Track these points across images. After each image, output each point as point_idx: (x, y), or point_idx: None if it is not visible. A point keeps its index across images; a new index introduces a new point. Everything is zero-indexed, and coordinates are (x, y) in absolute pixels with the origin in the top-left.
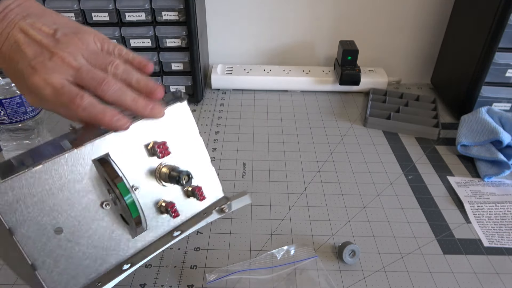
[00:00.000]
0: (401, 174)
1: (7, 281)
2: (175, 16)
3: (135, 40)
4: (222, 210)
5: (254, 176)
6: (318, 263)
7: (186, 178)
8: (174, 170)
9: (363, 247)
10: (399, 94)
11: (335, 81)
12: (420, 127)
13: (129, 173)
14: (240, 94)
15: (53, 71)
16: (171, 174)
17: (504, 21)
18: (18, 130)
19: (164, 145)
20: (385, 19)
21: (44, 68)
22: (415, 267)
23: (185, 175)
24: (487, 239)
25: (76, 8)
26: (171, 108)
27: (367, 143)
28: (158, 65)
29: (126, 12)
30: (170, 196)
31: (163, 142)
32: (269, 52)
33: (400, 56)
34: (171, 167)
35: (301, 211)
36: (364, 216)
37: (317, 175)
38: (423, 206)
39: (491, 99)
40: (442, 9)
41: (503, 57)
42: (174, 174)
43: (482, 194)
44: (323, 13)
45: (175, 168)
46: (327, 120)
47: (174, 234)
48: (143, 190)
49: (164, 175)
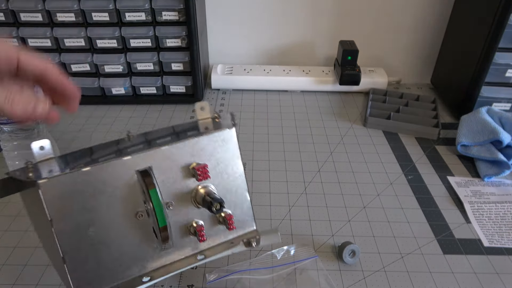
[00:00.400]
0: (401, 174)
1: (7, 281)
2: (175, 16)
3: (135, 40)
4: (250, 243)
5: (254, 176)
6: (318, 263)
7: (218, 205)
8: (209, 194)
9: (363, 247)
10: (399, 94)
11: (335, 81)
12: (420, 127)
13: (167, 189)
14: (240, 94)
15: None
16: (205, 199)
17: (504, 21)
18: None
19: (204, 169)
20: (385, 19)
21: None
22: (415, 267)
23: (217, 203)
24: (487, 239)
25: (76, 8)
26: (219, 133)
27: (367, 143)
28: (158, 65)
29: (126, 12)
30: (202, 219)
31: (204, 165)
32: (269, 52)
33: (400, 56)
34: (208, 191)
35: (301, 211)
36: (364, 216)
37: (317, 175)
38: (423, 206)
39: (491, 99)
40: (442, 9)
41: (503, 57)
42: (208, 199)
43: (482, 194)
44: (323, 13)
45: (210, 193)
46: (327, 120)
47: (198, 257)
48: (176, 208)
49: (200, 198)
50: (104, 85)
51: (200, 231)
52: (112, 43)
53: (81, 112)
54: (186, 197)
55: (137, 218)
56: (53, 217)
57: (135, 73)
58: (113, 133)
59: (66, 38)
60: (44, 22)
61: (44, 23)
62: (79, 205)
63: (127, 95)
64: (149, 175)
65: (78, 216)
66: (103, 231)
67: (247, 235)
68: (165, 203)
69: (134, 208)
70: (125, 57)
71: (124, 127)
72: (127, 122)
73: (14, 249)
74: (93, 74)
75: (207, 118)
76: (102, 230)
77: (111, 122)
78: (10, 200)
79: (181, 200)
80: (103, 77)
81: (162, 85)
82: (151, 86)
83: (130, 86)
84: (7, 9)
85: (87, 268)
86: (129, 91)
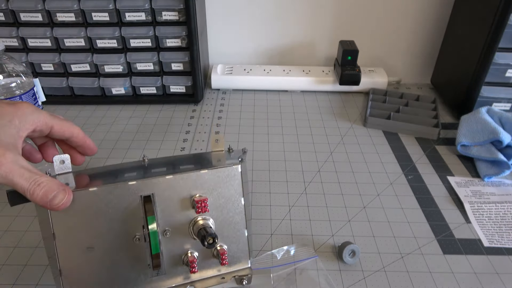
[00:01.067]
0: (401, 174)
1: (7, 281)
2: (175, 16)
3: (135, 40)
4: (241, 281)
5: (254, 176)
6: (318, 263)
7: (210, 240)
8: (205, 228)
9: (363, 247)
10: (399, 94)
11: (335, 81)
12: (420, 127)
13: (166, 216)
14: (240, 94)
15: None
16: (200, 231)
17: (504, 21)
18: None
19: (204, 202)
20: (385, 19)
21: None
22: (415, 267)
23: (210, 237)
24: (487, 239)
25: (76, 8)
26: (224, 168)
27: (367, 143)
28: (158, 65)
29: (126, 12)
30: (197, 250)
31: (204, 199)
32: (269, 52)
33: (400, 56)
34: (204, 224)
35: (301, 211)
36: (364, 216)
37: (317, 175)
38: (423, 206)
39: (491, 99)
40: (442, 9)
41: (503, 57)
42: (202, 232)
43: (482, 194)
44: (323, 13)
45: (206, 226)
46: (327, 120)
47: (188, 287)
48: (173, 236)
49: (196, 229)
50: (104, 85)
51: (192, 262)
52: (112, 43)
53: (81, 112)
54: (184, 227)
55: (134, 241)
56: (56, 231)
57: (135, 73)
58: (113, 133)
59: (66, 38)
60: (44, 22)
61: (44, 23)
62: (81, 223)
63: (127, 95)
64: (150, 201)
65: (79, 233)
66: (101, 249)
67: (239, 272)
68: (162, 230)
69: (133, 231)
70: (125, 57)
71: (124, 127)
72: (127, 122)
73: (14, 249)
74: (93, 74)
75: (221, 151)
76: (100, 248)
77: (111, 122)
78: None
79: (179, 229)
80: (103, 77)
81: (162, 85)
82: (151, 86)
83: (130, 86)
84: (7, 9)
85: (82, 282)
86: (129, 91)
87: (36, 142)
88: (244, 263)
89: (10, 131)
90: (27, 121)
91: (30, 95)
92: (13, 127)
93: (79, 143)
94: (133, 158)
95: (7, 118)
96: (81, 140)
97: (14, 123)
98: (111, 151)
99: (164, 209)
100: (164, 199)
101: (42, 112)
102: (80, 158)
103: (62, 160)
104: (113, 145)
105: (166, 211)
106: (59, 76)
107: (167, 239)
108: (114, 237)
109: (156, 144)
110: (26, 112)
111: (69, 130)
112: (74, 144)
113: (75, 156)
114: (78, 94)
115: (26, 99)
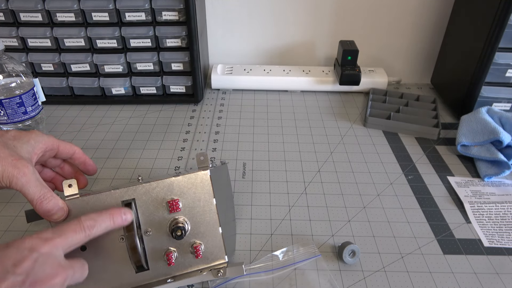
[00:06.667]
0: (401, 174)
1: None
2: (175, 16)
3: (135, 40)
4: (218, 272)
5: (254, 176)
6: (320, 263)
7: (179, 232)
8: (176, 223)
9: (363, 247)
10: (399, 94)
11: (335, 81)
12: (420, 127)
13: (146, 218)
14: (240, 94)
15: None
16: (171, 227)
17: (504, 21)
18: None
19: (175, 202)
20: (385, 19)
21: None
22: (415, 267)
23: (179, 230)
24: (487, 239)
25: (76, 8)
26: (195, 174)
27: (367, 143)
28: (158, 65)
29: (126, 12)
30: (176, 247)
31: (176, 200)
32: (269, 52)
33: (400, 56)
34: (176, 221)
35: (301, 211)
36: (364, 216)
37: (317, 175)
38: (423, 206)
39: (491, 99)
40: (442, 9)
41: (503, 57)
42: (172, 227)
43: (482, 194)
44: (323, 13)
45: (178, 222)
46: (327, 120)
47: (168, 280)
48: (154, 236)
49: (170, 227)
50: (104, 85)
51: (169, 255)
52: (112, 43)
53: (81, 112)
54: (163, 227)
55: (119, 241)
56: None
57: (135, 73)
58: (113, 133)
59: (66, 38)
60: (44, 22)
61: (44, 23)
62: None
63: (127, 95)
64: (130, 206)
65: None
66: (93, 248)
67: (216, 266)
68: (144, 231)
69: (118, 232)
70: (125, 57)
71: (124, 127)
72: (127, 122)
73: None
74: (93, 74)
75: (206, 167)
76: (93, 247)
77: (111, 122)
78: (10, 200)
79: (158, 229)
80: (103, 77)
81: (162, 85)
82: (151, 86)
83: (130, 86)
84: (7, 9)
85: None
86: (129, 91)
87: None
88: (221, 258)
89: (28, 149)
90: (39, 141)
91: (30, 95)
92: (30, 146)
93: (81, 160)
94: (133, 158)
95: (25, 140)
96: (82, 157)
97: (30, 143)
98: (111, 151)
99: (144, 212)
100: (143, 204)
101: (50, 136)
102: (83, 181)
103: (69, 184)
104: (113, 145)
105: (146, 213)
106: (59, 76)
107: (148, 237)
108: (103, 237)
109: (156, 144)
110: (38, 134)
111: (71, 148)
112: (77, 161)
113: (79, 179)
114: (78, 94)
115: (26, 99)
